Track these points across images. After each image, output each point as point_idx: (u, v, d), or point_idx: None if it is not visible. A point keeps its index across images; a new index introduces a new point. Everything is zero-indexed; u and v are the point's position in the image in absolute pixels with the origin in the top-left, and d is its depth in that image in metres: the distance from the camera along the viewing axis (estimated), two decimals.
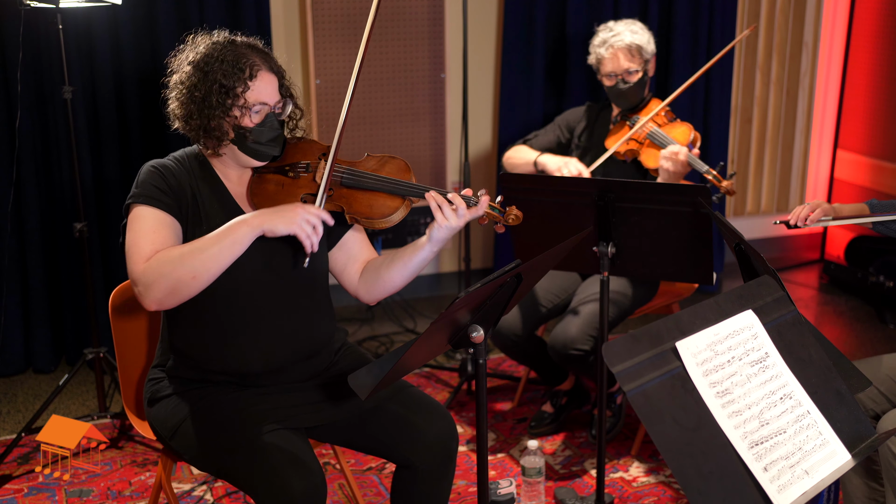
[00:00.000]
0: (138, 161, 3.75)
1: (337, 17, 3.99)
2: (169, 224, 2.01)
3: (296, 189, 2.09)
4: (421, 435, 2.12)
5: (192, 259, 1.91)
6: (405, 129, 4.21)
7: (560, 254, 2.00)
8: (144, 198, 2.01)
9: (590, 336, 2.94)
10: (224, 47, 2.04)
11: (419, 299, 4.52)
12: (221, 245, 1.92)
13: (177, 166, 2.08)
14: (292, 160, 2.12)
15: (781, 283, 1.67)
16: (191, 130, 2.06)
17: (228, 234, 1.93)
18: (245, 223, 1.94)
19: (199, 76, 2.02)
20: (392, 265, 2.16)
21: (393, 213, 2.10)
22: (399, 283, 2.18)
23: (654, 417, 1.37)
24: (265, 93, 2.04)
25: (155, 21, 3.66)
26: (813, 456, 1.49)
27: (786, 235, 5.20)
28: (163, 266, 1.91)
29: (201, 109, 2.01)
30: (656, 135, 3.07)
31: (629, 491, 2.92)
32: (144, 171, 2.06)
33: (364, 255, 2.26)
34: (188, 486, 2.93)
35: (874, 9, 4.77)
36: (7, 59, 3.51)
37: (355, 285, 2.25)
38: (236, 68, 2.00)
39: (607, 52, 3.18)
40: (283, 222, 1.94)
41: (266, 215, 1.95)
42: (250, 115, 2.03)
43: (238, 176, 2.13)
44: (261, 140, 2.05)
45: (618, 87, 3.18)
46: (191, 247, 1.94)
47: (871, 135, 4.89)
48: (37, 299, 3.72)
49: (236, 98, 2.01)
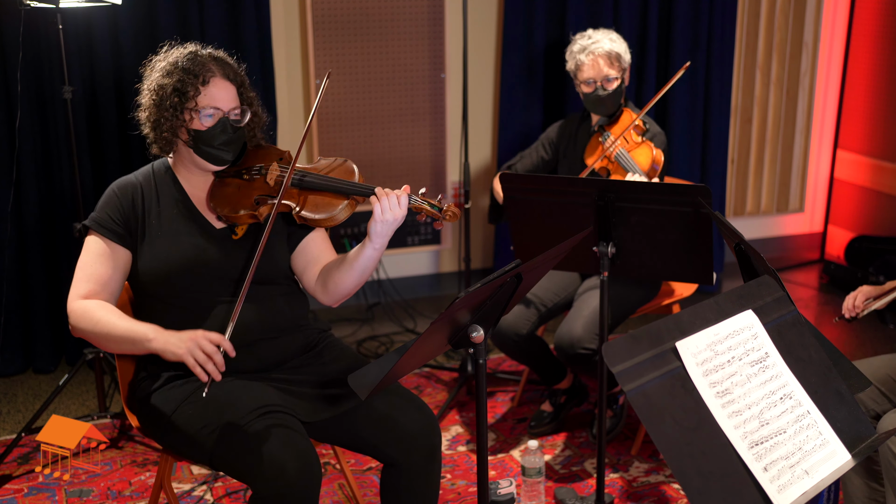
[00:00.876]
0: (138, 161, 3.75)
1: (337, 17, 3.99)
2: (109, 255, 2.17)
3: (250, 191, 2.20)
4: (403, 432, 2.15)
5: (99, 335, 2.10)
6: (405, 129, 4.22)
7: (560, 254, 2.01)
8: (96, 224, 2.19)
9: (595, 335, 2.95)
10: (186, 56, 2.17)
11: (419, 299, 4.52)
12: (121, 344, 2.09)
13: (138, 180, 2.24)
14: (252, 164, 2.24)
15: (781, 283, 1.67)
16: (150, 132, 2.20)
17: (131, 340, 2.06)
18: (149, 340, 2.03)
19: (160, 81, 2.16)
20: (340, 267, 2.23)
21: (336, 211, 2.18)
22: (350, 285, 2.23)
23: (654, 417, 1.37)
24: (218, 97, 2.16)
25: (155, 21, 3.66)
26: (813, 456, 1.49)
27: (786, 235, 5.21)
28: (81, 321, 2.11)
29: (159, 111, 2.15)
30: (622, 157, 3.08)
31: (629, 491, 2.92)
32: (107, 192, 2.24)
33: (324, 259, 2.31)
34: (188, 486, 2.93)
35: (874, 9, 4.77)
36: (7, 59, 3.51)
37: (312, 286, 2.32)
38: (190, 74, 2.14)
39: (587, 57, 3.18)
40: (176, 349, 1.99)
41: (164, 338, 2.02)
42: (200, 118, 2.14)
43: (201, 182, 2.25)
44: (212, 143, 2.17)
45: (596, 93, 3.18)
46: (102, 326, 2.08)
47: (871, 135, 4.89)
48: (37, 299, 3.72)
49: (188, 101, 2.13)
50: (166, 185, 2.24)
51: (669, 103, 4.41)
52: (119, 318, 2.09)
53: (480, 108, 4.42)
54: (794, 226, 5.21)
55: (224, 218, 2.20)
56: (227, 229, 2.22)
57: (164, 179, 2.24)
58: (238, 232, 2.22)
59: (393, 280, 4.46)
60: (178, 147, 2.21)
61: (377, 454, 2.19)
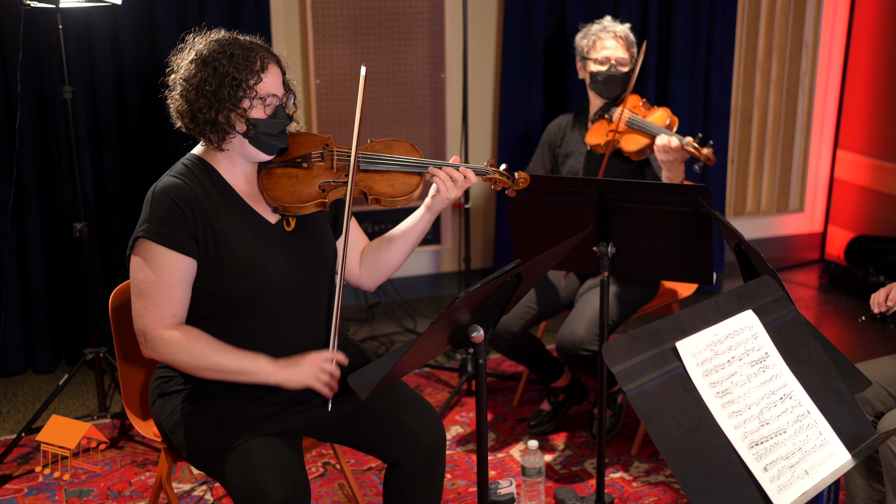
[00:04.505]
0: (138, 161, 3.76)
1: (337, 17, 3.99)
2: (184, 273, 2.03)
3: (311, 178, 2.13)
4: (408, 433, 2.14)
5: (203, 369, 2.03)
6: (405, 129, 4.21)
7: (560, 254, 2.01)
8: (159, 237, 2.00)
9: (597, 336, 2.94)
10: (231, 42, 2.05)
11: (419, 299, 4.52)
12: (235, 377, 2.04)
13: (187, 184, 2.05)
14: (298, 153, 2.15)
15: (781, 283, 1.67)
16: (196, 126, 2.05)
17: (245, 374, 2.04)
18: (266, 374, 2.03)
19: (207, 71, 2.01)
20: (392, 244, 2.23)
21: (414, 189, 2.17)
22: (401, 260, 2.27)
23: (654, 417, 1.37)
24: (275, 85, 2.06)
25: (155, 21, 3.66)
26: (813, 456, 1.49)
27: (786, 235, 5.21)
28: (178, 354, 2.02)
29: (211, 103, 2.00)
30: (635, 121, 3.08)
31: (629, 491, 2.92)
32: (158, 199, 2.03)
33: (361, 243, 2.31)
34: (188, 486, 2.93)
35: (874, 9, 4.77)
36: (7, 59, 3.51)
37: (357, 273, 2.29)
38: (247, 60, 2.02)
39: (605, 35, 3.18)
40: (299, 380, 2.03)
41: (285, 372, 2.03)
42: (263, 107, 2.04)
43: (245, 176, 2.13)
44: (272, 132, 2.06)
45: (610, 71, 3.17)
46: (206, 360, 2.02)
47: (871, 135, 4.89)
48: (37, 299, 3.72)
49: (248, 90, 2.01)
50: (209, 182, 2.08)
51: (669, 103, 4.41)
52: (223, 351, 2.03)
53: (480, 108, 4.42)
54: (794, 226, 5.21)
55: (281, 209, 2.09)
56: (280, 222, 2.14)
57: (204, 177, 2.08)
58: (291, 223, 2.14)
59: (393, 280, 4.46)
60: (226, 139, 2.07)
61: (381, 454, 2.18)
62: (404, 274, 4.51)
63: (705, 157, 2.92)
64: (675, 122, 3.10)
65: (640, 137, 3.07)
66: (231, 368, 2.03)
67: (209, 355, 2.02)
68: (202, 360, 2.02)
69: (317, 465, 3.05)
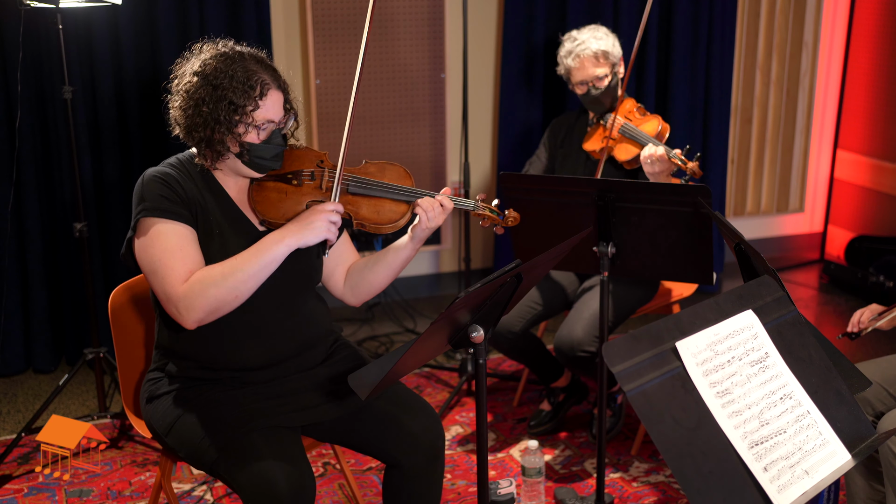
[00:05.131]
0: (138, 161, 3.75)
1: (337, 17, 3.99)
2: (190, 237, 2.02)
3: (300, 197, 2.12)
4: (408, 433, 2.14)
5: (233, 279, 1.97)
6: (405, 130, 4.21)
7: (560, 254, 2.01)
8: (159, 211, 2.00)
9: (595, 337, 2.94)
10: (233, 61, 2.04)
11: (419, 299, 4.52)
12: (260, 264, 1.98)
13: (179, 174, 2.06)
14: (290, 168, 2.15)
15: (781, 283, 1.67)
16: (191, 140, 2.07)
17: (265, 253, 1.99)
18: (280, 242, 2.00)
19: (207, 90, 2.01)
20: (376, 267, 2.23)
21: (400, 218, 2.16)
22: (383, 284, 2.26)
23: (654, 417, 1.37)
24: (272, 111, 2.06)
25: (155, 21, 3.66)
26: (813, 456, 1.49)
27: (786, 235, 5.21)
28: (206, 288, 1.95)
29: (207, 123, 2.01)
30: (627, 129, 3.09)
31: (629, 491, 2.92)
32: (148, 182, 2.04)
33: (350, 259, 2.31)
34: (188, 486, 2.93)
35: (874, 9, 4.77)
36: (7, 59, 3.51)
37: (341, 289, 2.30)
38: (247, 86, 2.01)
39: (574, 61, 3.20)
40: (314, 234, 2.02)
41: (297, 232, 2.01)
42: (258, 133, 2.04)
43: (236, 184, 2.14)
44: (265, 156, 2.06)
45: (590, 94, 3.20)
46: (230, 267, 1.98)
47: (871, 135, 4.89)
48: (37, 299, 3.72)
49: (244, 115, 2.01)
50: (202, 179, 2.10)
51: (669, 103, 4.41)
52: (235, 258, 1.99)
53: (480, 108, 4.42)
54: (794, 226, 5.21)
55: (267, 224, 2.10)
56: (266, 232, 2.13)
57: (198, 174, 2.10)
58: None
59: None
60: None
61: (380, 455, 2.18)
62: (404, 274, 4.50)
63: (691, 170, 2.91)
64: (666, 130, 3.10)
65: (631, 147, 3.09)
66: (251, 260, 1.98)
67: (229, 269, 1.97)
68: (229, 277, 1.96)
69: (317, 465, 3.05)
